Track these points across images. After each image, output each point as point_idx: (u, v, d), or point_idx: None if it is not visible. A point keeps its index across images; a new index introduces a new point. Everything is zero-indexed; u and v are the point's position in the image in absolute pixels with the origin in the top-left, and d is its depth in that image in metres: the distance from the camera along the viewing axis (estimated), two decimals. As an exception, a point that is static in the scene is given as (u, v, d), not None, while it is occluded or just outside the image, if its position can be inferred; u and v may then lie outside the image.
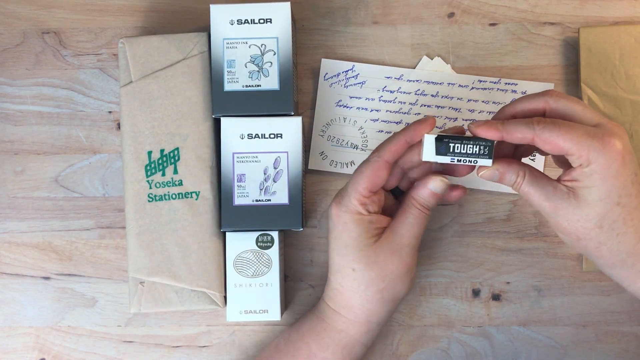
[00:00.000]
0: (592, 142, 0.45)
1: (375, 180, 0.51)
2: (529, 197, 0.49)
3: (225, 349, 0.61)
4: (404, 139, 0.51)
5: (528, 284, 0.60)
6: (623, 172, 0.46)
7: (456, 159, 0.49)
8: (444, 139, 0.48)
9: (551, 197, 0.47)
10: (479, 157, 0.49)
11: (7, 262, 0.62)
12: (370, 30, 0.62)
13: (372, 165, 0.51)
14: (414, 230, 0.52)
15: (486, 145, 0.48)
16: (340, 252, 0.53)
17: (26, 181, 0.62)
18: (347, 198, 0.52)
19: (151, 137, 0.58)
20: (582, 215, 0.47)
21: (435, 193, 0.51)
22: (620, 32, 0.59)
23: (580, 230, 0.47)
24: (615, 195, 0.46)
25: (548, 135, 0.46)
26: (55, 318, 0.62)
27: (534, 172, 0.49)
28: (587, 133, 0.46)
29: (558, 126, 0.46)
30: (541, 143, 0.46)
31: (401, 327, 0.61)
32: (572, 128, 0.46)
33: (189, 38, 0.58)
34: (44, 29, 0.63)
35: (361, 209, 0.52)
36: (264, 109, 0.57)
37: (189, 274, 0.57)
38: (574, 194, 0.47)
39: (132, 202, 0.57)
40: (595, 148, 0.45)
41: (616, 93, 0.59)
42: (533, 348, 0.60)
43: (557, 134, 0.46)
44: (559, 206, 0.47)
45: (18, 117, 0.62)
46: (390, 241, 0.52)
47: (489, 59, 0.61)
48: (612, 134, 0.46)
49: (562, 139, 0.46)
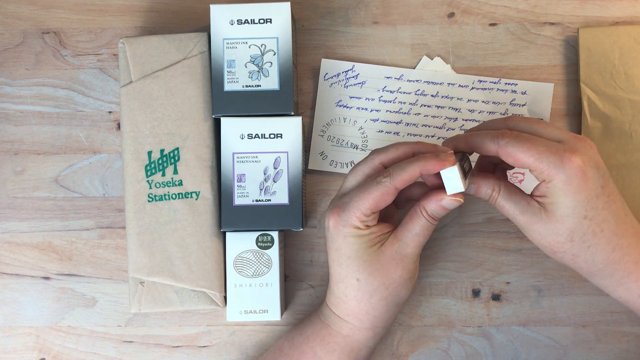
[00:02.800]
0: (552, 158, 0.46)
1: (380, 204, 0.50)
2: (504, 211, 0.50)
3: (225, 349, 0.61)
4: (419, 169, 0.49)
5: (528, 284, 0.60)
6: (585, 187, 0.47)
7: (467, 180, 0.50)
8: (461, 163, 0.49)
9: (525, 212, 0.49)
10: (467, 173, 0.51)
11: (7, 262, 0.62)
12: (370, 30, 0.62)
13: (381, 189, 0.49)
14: (419, 240, 0.51)
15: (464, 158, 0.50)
16: (342, 263, 0.52)
17: (26, 181, 0.62)
18: (347, 213, 0.50)
19: (151, 137, 0.58)
20: (553, 229, 0.48)
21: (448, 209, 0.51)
22: (620, 32, 0.59)
23: (553, 243, 0.49)
24: (582, 209, 0.47)
25: (511, 150, 0.47)
26: (55, 318, 0.62)
27: (510, 187, 0.50)
28: (548, 149, 0.47)
29: (521, 141, 0.47)
30: (504, 156, 0.48)
31: (401, 327, 0.61)
32: (534, 144, 0.47)
33: (189, 38, 0.58)
34: (44, 29, 0.63)
35: (360, 225, 0.51)
36: (264, 109, 0.57)
37: (189, 274, 0.57)
38: (544, 209, 0.48)
39: (132, 202, 0.57)
40: (554, 164, 0.46)
41: (615, 93, 0.59)
42: (533, 348, 0.60)
43: (520, 149, 0.47)
44: (531, 220, 0.49)
45: (18, 117, 0.62)
46: (394, 250, 0.51)
47: (489, 59, 0.61)
48: (573, 150, 0.47)
49: (524, 154, 0.47)
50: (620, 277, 0.50)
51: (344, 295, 0.53)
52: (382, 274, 0.52)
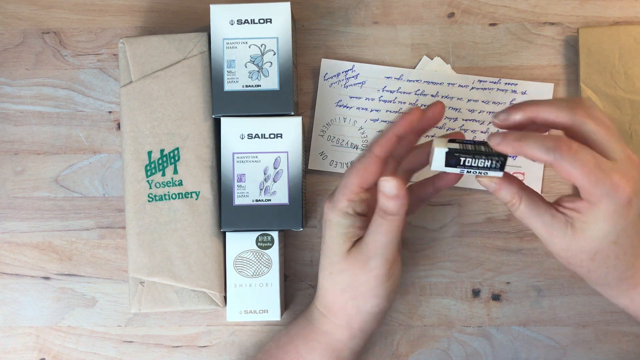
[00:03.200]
0: (606, 185, 0.44)
1: (365, 175, 0.49)
2: (525, 222, 0.48)
3: (225, 349, 0.61)
4: (392, 132, 0.49)
5: (528, 284, 0.60)
6: (627, 215, 0.45)
7: (465, 170, 0.48)
8: (455, 152, 0.47)
9: (548, 225, 0.47)
10: (490, 169, 0.47)
11: (7, 262, 0.62)
12: (370, 30, 0.62)
13: (363, 162, 0.49)
14: (378, 240, 0.49)
15: (499, 160, 0.47)
16: (323, 252, 0.53)
17: (26, 181, 0.62)
18: (337, 195, 0.51)
19: (151, 137, 0.58)
20: (577, 246, 0.47)
21: (390, 196, 0.47)
22: (620, 32, 0.59)
23: (571, 257, 0.48)
24: (614, 236, 0.46)
25: (566, 167, 0.44)
26: (55, 318, 0.62)
27: (533, 197, 0.48)
28: (604, 174, 0.44)
29: (579, 162, 0.44)
30: (557, 170, 0.45)
31: (401, 327, 0.61)
32: (590, 165, 0.44)
33: (189, 38, 0.58)
34: (44, 29, 0.63)
35: (348, 209, 0.50)
36: (264, 109, 0.57)
37: (189, 274, 0.57)
38: (571, 225, 0.46)
39: (132, 202, 0.57)
40: (607, 192, 0.44)
41: (615, 93, 0.59)
42: (533, 348, 0.60)
43: (575, 168, 0.44)
44: (554, 234, 0.47)
45: (18, 117, 0.62)
46: (358, 251, 0.50)
47: (489, 59, 0.61)
48: (627, 177, 0.45)
49: (578, 174, 0.44)
50: (626, 289, 0.49)
51: (322, 286, 0.54)
52: (349, 274, 0.51)
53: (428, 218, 0.61)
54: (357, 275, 0.51)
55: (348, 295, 0.52)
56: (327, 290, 0.53)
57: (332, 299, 0.53)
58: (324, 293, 0.54)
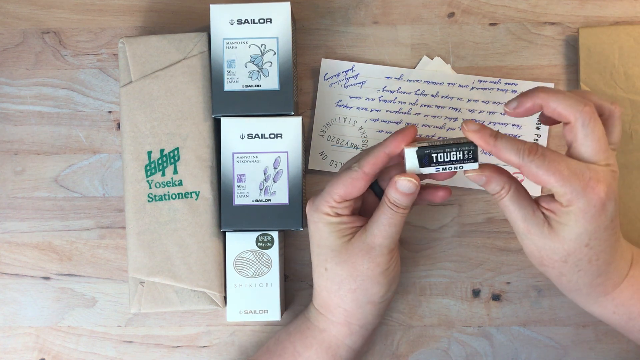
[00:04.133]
0: (576, 185, 0.45)
1: (350, 190, 0.50)
2: (506, 212, 0.49)
3: (225, 349, 0.61)
4: (383, 151, 0.50)
5: (528, 284, 0.60)
6: (599, 218, 0.46)
7: (441, 167, 0.48)
8: (425, 150, 0.48)
9: (527, 219, 0.48)
10: (464, 162, 0.48)
11: (7, 262, 0.62)
12: (370, 30, 0.62)
13: (351, 175, 0.50)
14: (386, 230, 0.50)
15: (470, 150, 0.48)
16: (314, 252, 0.54)
17: (26, 181, 0.62)
18: (319, 199, 0.52)
19: (151, 137, 0.58)
20: (551, 246, 0.47)
21: (405, 193, 0.49)
22: (620, 32, 0.59)
23: (545, 258, 0.48)
24: (586, 238, 0.46)
25: (535, 170, 0.45)
26: (55, 318, 0.62)
27: (519, 190, 0.48)
28: (574, 174, 0.45)
29: (546, 163, 0.45)
30: (526, 174, 0.46)
31: (401, 327, 0.61)
32: (559, 167, 0.45)
33: (189, 38, 0.58)
34: (44, 29, 0.63)
35: (330, 212, 0.51)
36: (264, 109, 0.57)
37: (189, 274, 0.57)
38: (548, 224, 0.47)
39: (132, 202, 0.57)
40: (578, 191, 0.45)
41: (615, 93, 0.59)
42: (533, 348, 0.60)
43: (544, 171, 0.45)
44: (531, 230, 0.48)
45: (18, 117, 0.62)
46: (361, 241, 0.51)
47: (489, 59, 0.61)
48: (598, 179, 0.45)
49: (547, 177, 0.45)
50: (597, 296, 0.50)
51: (317, 285, 0.54)
52: (349, 265, 0.52)
53: (428, 218, 0.61)
54: (358, 265, 0.51)
55: (346, 288, 0.52)
56: (322, 288, 0.54)
57: (327, 295, 0.53)
58: (319, 291, 0.54)
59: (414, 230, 0.61)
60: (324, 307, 0.54)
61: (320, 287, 0.54)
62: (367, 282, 0.52)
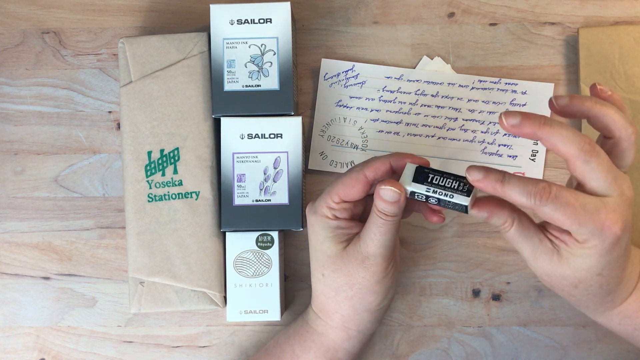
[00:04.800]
0: (593, 226, 0.44)
1: (349, 191, 0.50)
2: (512, 243, 0.48)
3: (225, 349, 0.61)
4: (388, 160, 0.50)
5: (528, 284, 0.60)
6: (613, 252, 0.45)
7: (431, 190, 0.47)
8: (425, 169, 0.48)
9: (535, 249, 0.47)
10: (457, 192, 0.47)
11: (7, 262, 0.62)
12: (370, 30, 0.62)
13: (351, 176, 0.50)
14: (377, 239, 0.49)
15: (466, 184, 0.47)
16: (312, 256, 0.54)
17: (26, 181, 0.62)
18: (318, 201, 0.52)
19: (151, 137, 0.58)
20: (561, 274, 0.47)
21: (390, 202, 0.48)
22: (620, 32, 0.59)
23: (554, 282, 0.48)
24: (599, 269, 0.46)
25: (549, 213, 0.44)
26: (55, 318, 0.62)
27: (523, 221, 0.47)
28: (589, 216, 0.43)
29: (561, 206, 0.43)
30: (539, 215, 0.44)
31: (401, 327, 0.61)
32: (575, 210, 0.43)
33: (189, 38, 0.58)
34: (44, 29, 0.63)
35: (328, 214, 0.51)
36: (264, 109, 0.57)
37: (189, 274, 0.57)
38: (558, 253, 0.46)
39: (132, 202, 0.57)
40: (594, 232, 0.44)
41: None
42: (533, 348, 0.60)
43: (559, 215, 0.43)
44: (539, 259, 0.47)
45: (18, 117, 0.62)
46: (355, 249, 0.51)
47: (489, 59, 0.61)
48: (614, 217, 0.44)
49: (563, 221, 0.44)
50: (604, 311, 0.50)
51: (315, 289, 0.54)
52: (345, 273, 0.51)
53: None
54: (353, 274, 0.51)
55: (343, 295, 0.52)
56: (320, 293, 0.54)
57: (325, 300, 0.53)
58: (317, 295, 0.54)
59: (414, 230, 0.61)
60: (322, 311, 0.54)
61: (318, 292, 0.54)
62: (364, 290, 0.52)
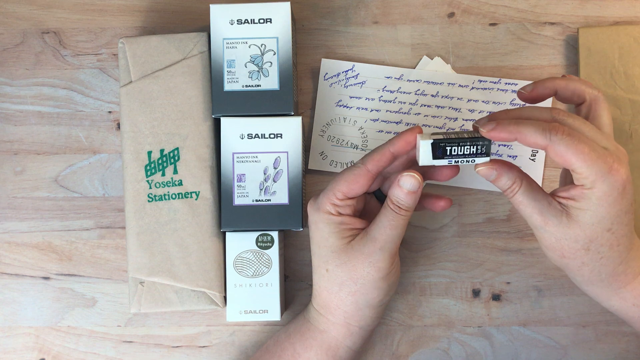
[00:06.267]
0: (602, 166, 0.44)
1: (352, 186, 0.50)
2: (521, 207, 0.48)
3: (225, 349, 0.61)
4: (389, 150, 0.50)
5: (528, 284, 0.60)
6: (621, 201, 0.45)
7: (453, 160, 0.48)
8: (440, 143, 0.48)
9: (544, 211, 0.47)
10: (477, 156, 0.48)
11: (7, 262, 0.62)
12: (370, 30, 0.62)
13: (354, 171, 0.50)
14: (387, 234, 0.50)
15: (484, 145, 0.48)
16: (314, 252, 0.54)
17: (26, 181, 0.62)
18: (321, 198, 0.52)
19: (151, 137, 0.58)
20: (571, 235, 0.47)
21: (408, 191, 0.49)
22: (620, 32, 0.59)
23: (565, 248, 0.47)
24: (608, 222, 0.46)
25: (563, 149, 0.44)
26: (55, 318, 0.62)
27: (531, 183, 0.48)
28: (600, 156, 0.44)
29: (575, 142, 0.44)
30: (553, 154, 0.45)
31: (401, 327, 0.61)
32: (588, 147, 0.44)
33: (189, 38, 0.58)
34: (44, 29, 0.63)
35: (332, 210, 0.51)
36: (264, 109, 0.57)
37: (189, 274, 0.57)
38: (567, 213, 0.46)
39: (132, 202, 0.57)
40: (602, 173, 0.44)
41: (615, 93, 0.59)
42: (533, 348, 0.60)
43: (573, 150, 0.44)
44: (549, 222, 0.47)
45: (18, 117, 0.62)
46: (362, 244, 0.51)
47: (489, 59, 0.61)
48: (620, 161, 0.45)
49: (576, 157, 0.44)
50: (617, 287, 0.50)
51: (317, 285, 0.54)
52: (349, 268, 0.51)
53: (428, 218, 0.61)
54: (358, 269, 0.51)
55: (346, 291, 0.52)
56: (323, 289, 0.54)
57: (328, 296, 0.53)
58: (319, 292, 0.54)
59: (414, 230, 0.61)
60: (324, 308, 0.54)
61: (321, 288, 0.54)
62: (367, 286, 0.52)
